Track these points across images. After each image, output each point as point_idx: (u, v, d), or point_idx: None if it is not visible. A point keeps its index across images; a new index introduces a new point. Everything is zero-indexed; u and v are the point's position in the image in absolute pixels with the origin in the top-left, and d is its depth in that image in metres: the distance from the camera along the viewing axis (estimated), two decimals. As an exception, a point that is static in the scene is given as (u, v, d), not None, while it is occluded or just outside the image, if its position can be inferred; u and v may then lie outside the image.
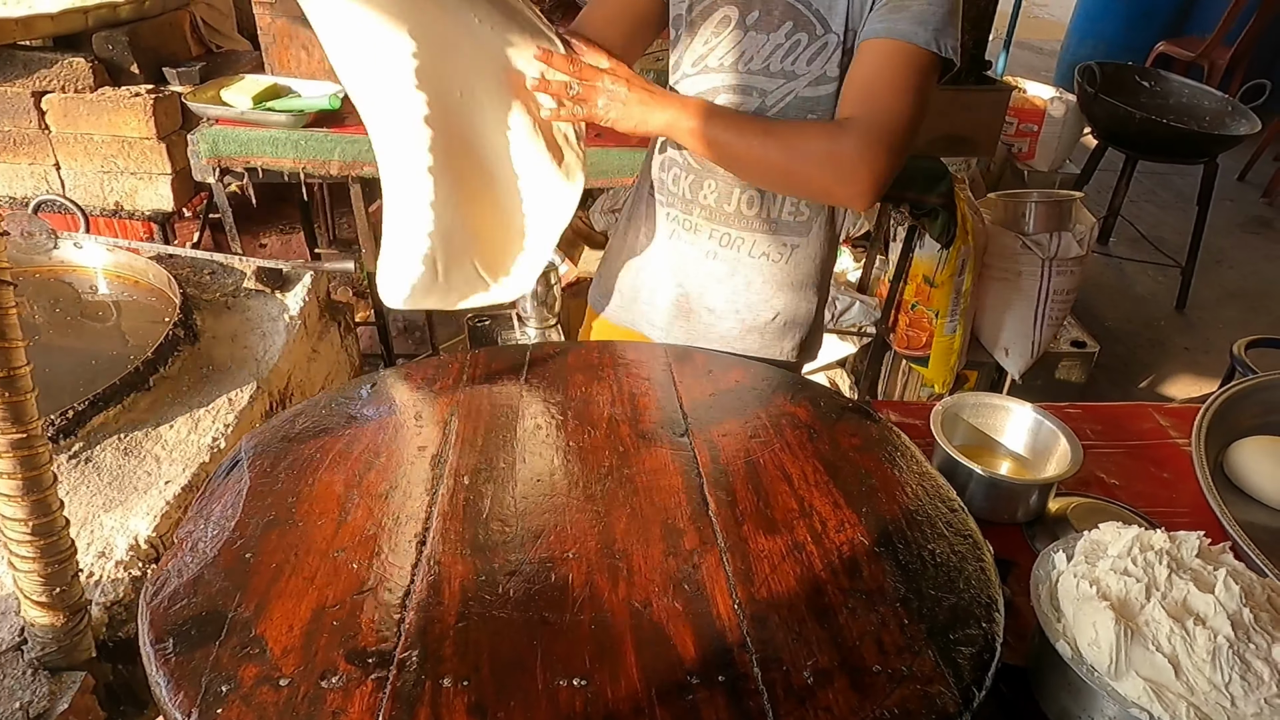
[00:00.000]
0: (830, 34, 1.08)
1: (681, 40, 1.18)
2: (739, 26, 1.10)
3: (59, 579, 0.95)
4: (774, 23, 1.09)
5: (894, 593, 0.75)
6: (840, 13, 1.07)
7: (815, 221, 1.24)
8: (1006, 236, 2.19)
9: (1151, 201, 4.49)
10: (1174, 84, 3.60)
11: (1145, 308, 3.58)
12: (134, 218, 2.14)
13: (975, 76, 1.84)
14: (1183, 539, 0.79)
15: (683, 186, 1.25)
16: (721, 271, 1.26)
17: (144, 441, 1.36)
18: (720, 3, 1.11)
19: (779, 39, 1.09)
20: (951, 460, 1.03)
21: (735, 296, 1.27)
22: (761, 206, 1.21)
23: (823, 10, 1.07)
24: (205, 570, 0.73)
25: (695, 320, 1.31)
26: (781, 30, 1.09)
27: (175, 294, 1.63)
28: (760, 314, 1.29)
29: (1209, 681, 0.68)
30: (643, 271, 1.35)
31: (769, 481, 0.90)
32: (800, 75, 1.10)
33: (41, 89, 2.00)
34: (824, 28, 1.08)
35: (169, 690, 0.62)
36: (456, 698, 0.61)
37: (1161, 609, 0.72)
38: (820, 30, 1.08)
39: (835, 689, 0.64)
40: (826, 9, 1.07)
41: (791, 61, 1.10)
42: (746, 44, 1.10)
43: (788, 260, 1.25)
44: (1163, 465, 1.18)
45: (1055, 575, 0.81)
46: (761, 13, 1.09)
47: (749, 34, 1.10)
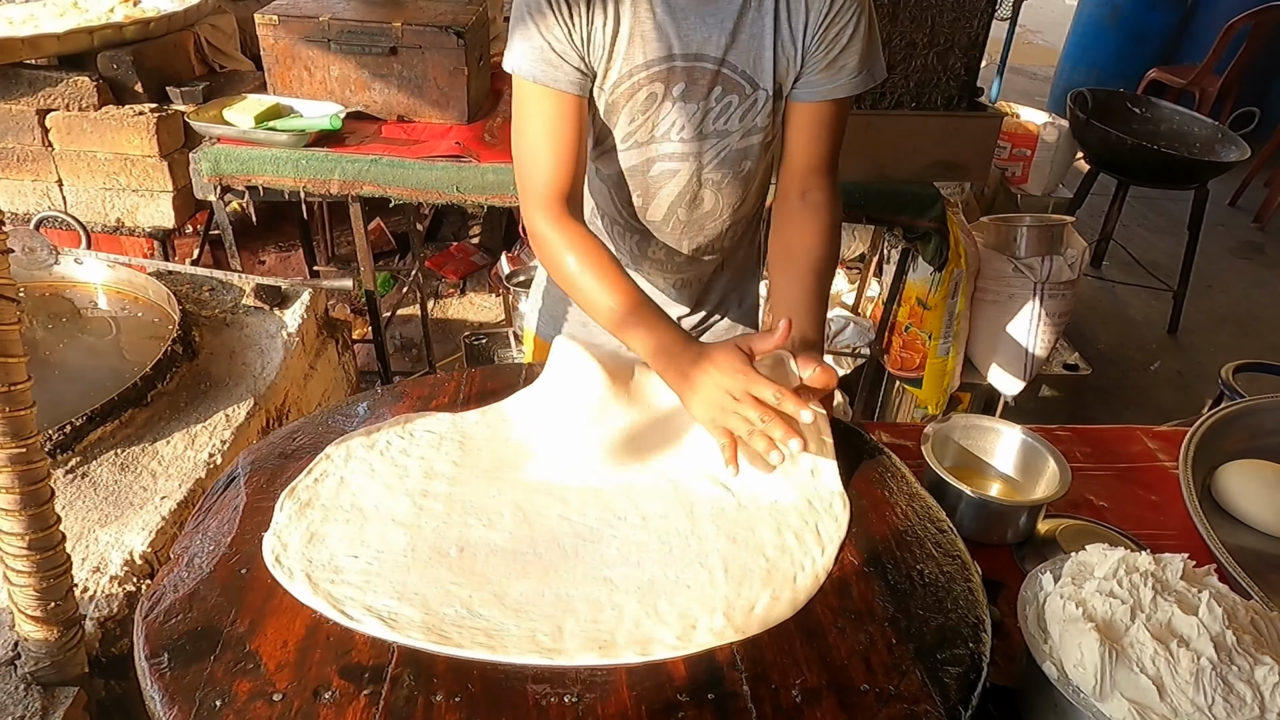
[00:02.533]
0: (759, 91, 1.09)
1: (605, 118, 1.13)
2: (666, 99, 1.08)
3: (54, 594, 0.96)
4: (702, 91, 1.08)
5: (882, 612, 0.76)
6: (767, 72, 1.07)
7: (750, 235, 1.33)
8: (999, 260, 2.21)
9: (1144, 226, 4.53)
10: (1165, 111, 3.65)
11: (1138, 331, 3.60)
12: (135, 234, 2.15)
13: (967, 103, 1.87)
14: (1168, 561, 0.80)
15: (629, 244, 1.26)
16: (675, 297, 1.32)
17: (141, 457, 1.37)
18: (642, 83, 1.07)
19: (709, 104, 1.09)
20: (942, 481, 1.04)
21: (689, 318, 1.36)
22: (711, 246, 1.26)
23: (750, 72, 1.08)
24: (201, 585, 0.74)
25: None
26: (711, 96, 1.08)
27: (174, 310, 1.64)
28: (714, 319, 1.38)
29: (1192, 703, 0.69)
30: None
31: (760, 501, 0.91)
32: (733, 132, 1.12)
33: (46, 107, 2.02)
34: (752, 87, 1.08)
35: (163, 705, 0.62)
36: (449, 714, 0.62)
37: (1146, 631, 0.73)
38: (749, 90, 1.09)
39: (823, 708, 0.65)
40: (753, 70, 1.07)
41: (725, 122, 1.11)
42: (676, 114, 1.09)
43: (728, 269, 1.33)
44: (1151, 488, 1.19)
45: (1042, 597, 0.82)
46: (687, 84, 1.07)
47: (677, 105, 1.09)
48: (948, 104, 1.88)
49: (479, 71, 2.17)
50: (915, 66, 1.81)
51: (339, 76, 2.09)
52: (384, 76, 2.07)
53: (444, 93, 2.09)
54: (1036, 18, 8.05)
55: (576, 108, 1.05)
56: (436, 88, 2.08)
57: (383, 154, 1.94)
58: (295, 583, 0.73)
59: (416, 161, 1.93)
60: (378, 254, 3.43)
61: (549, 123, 1.05)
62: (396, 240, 3.53)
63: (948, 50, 1.80)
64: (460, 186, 1.94)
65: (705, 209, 1.19)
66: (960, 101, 1.88)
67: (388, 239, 3.52)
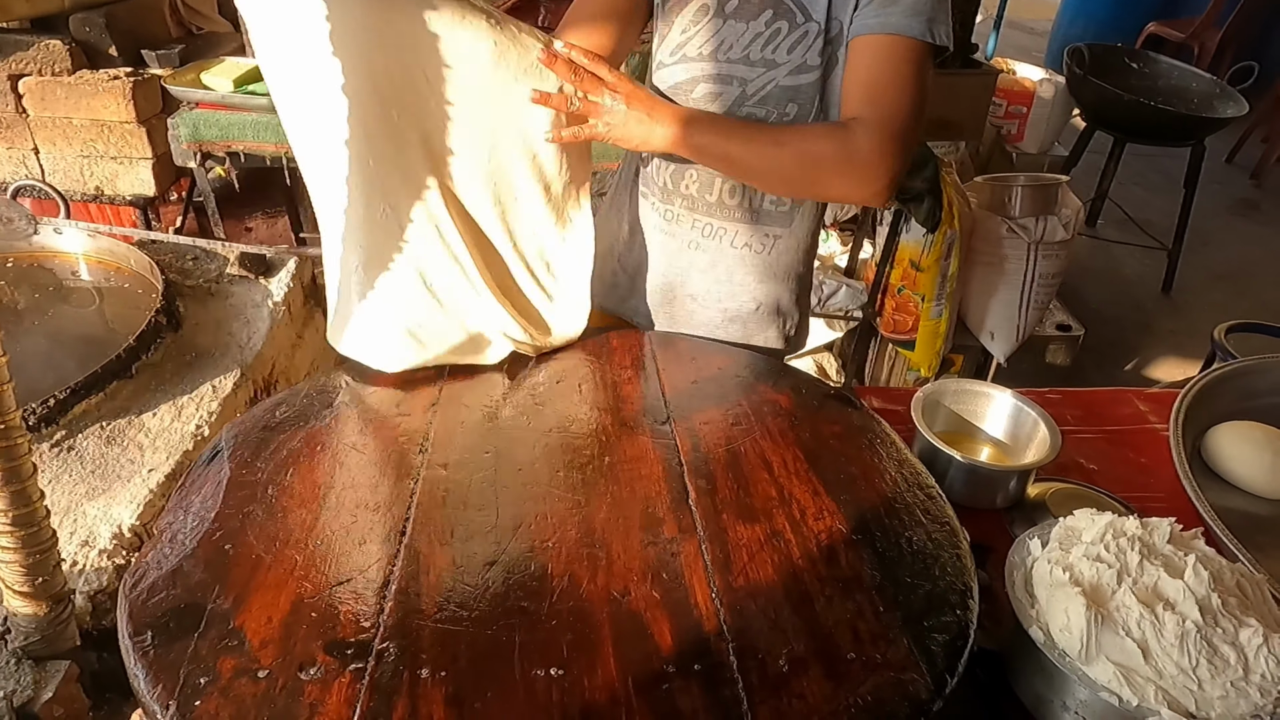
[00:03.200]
0: (811, 22, 1.07)
1: (659, 30, 1.16)
2: (717, 14, 1.09)
3: (41, 569, 0.95)
4: (753, 11, 1.08)
5: (870, 580, 0.76)
6: (822, 2, 1.06)
7: (798, 212, 1.23)
8: (992, 221, 2.19)
9: (1140, 184, 4.50)
10: (1163, 66, 3.59)
11: (1132, 290, 3.60)
12: (115, 203, 2.12)
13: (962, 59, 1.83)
14: (1155, 525, 0.80)
15: (663, 176, 1.24)
16: (704, 262, 1.26)
17: (127, 429, 1.36)
18: None
19: (759, 27, 1.08)
20: (932, 447, 1.04)
21: (717, 286, 1.27)
22: (743, 196, 1.20)
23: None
24: (184, 562, 0.74)
25: (678, 307, 1.31)
26: (761, 19, 1.08)
27: (157, 280, 1.61)
28: (743, 304, 1.28)
29: (1177, 665, 0.69)
30: (626, 260, 1.35)
31: (749, 469, 0.90)
32: (781, 64, 1.09)
33: (18, 72, 1.97)
34: (804, 16, 1.07)
35: (147, 683, 0.62)
36: (434, 688, 0.62)
37: (1132, 595, 0.73)
38: (801, 19, 1.07)
39: (810, 677, 0.65)
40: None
41: (772, 50, 1.09)
42: (725, 32, 1.09)
43: (770, 251, 1.25)
44: (1141, 450, 1.19)
45: (1030, 562, 0.82)
46: (740, 1, 1.08)
47: (728, 22, 1.08)
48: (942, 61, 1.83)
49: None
50: (909, 22, 1.76)
51: (319, 37, 2.03)
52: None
53: (428, 53, 2.04)
54: (1035, -30, 7.89)
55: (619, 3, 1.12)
56: (420, 48, 2.03)
57: (366, 118, 1.90)
58: None
59: (401, 125, 1.89)
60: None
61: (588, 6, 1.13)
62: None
63: (942, 5, 1.75)
64: (446, 150, 1.90)
65: None
66: (955, 58, 1.84)
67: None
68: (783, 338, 1.33)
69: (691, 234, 1.25)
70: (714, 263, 1.25)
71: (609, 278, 1.38)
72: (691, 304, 1.30)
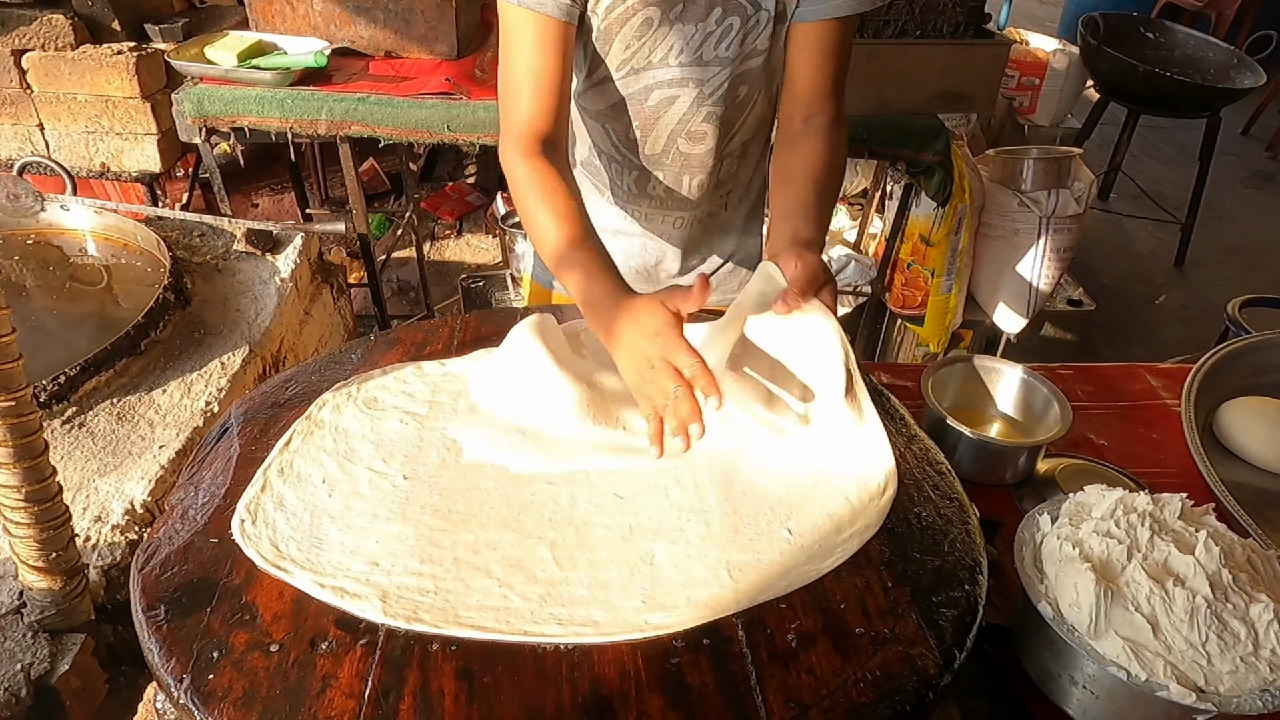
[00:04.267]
0: (761, 11, 1.04)
1: (596, 50, 1.09)
2: (663, 23, 1.04)
3: (55, 544, 0.96)
4: (701, 12, 1.03)
5: (879, 556, 0.76)
6: None
7: (757, 174, 1.27)
8: (1004, 194, 2.16)
9: (1153, 156, 4.43)
10: (1179, 35, 3.53)
11: (1144, 265, 3.56)
12: (121, 179, 2.11)
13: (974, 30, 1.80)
14: (1165, 501, 0.80)
15: (627, 182, 1.22)
16: (676, 240, 1.28)
17: (137, 406, 1.37)
18: (637, 7, 1.03)
19: (709, 26, 1.04)
20: (941, 422, 1.03)
21: (689, 260, 1.30)
22: (714, 187, 1.21)
23: None
24: (195, 537, 0.74)
25: (654, 283, 1.32)
26: (711, 18, 1.04)
27: (165, 257, 1.61)
28: (714, 263, 1.32)
29: (1186, 640, 0.69)
30: None
31: (758, 445, 0.90)
32: (734, 58, 1.08)
33: (21, 47, 1.96)
34: (755, 7, 1.04)
35: (161, 656, 0.63)
36: (445, 661, 0.62)
37: (1142, 570, 0.73)
38: (751, 10, 1.04)
39: (818, 652, 0.65)
40: None
41: (726, 47, 1.06)
42: (674, 38, 1.05)
43: (730, 209, 1.28)
44: (1152, 426, 1.19)
45: (1039, 537, 0.82)
46: (685, 4, 1.03)
47: (675, 27, 1.04)
48: (954, 31, 1.81)
49: (467, 3, 2.09)
50: (921, -9, 1.74)
51: (323, 11, 2.01)
52: (369, 10, 2.00)
53: (432, 26, 2.02)
54: (1049, -62, 7.73)
55: (562, 36, 1.00)
56: (424, 21, 2.01)
57: (370, 92, 1.88)
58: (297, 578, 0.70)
59: (405, 99, 1.88)
60: (371, 195, 3.37)
61: (533, 52, 1.00)
62: (390, 181, 3.47)
63: (954, -26, 1.72)
64: (451, 125, 1.89)
65: (708, 142, 1.15)
66: (967, 29, 1.81)
67: (381, 179, 3.46)
68: None
69: (663, 226, 1.26)
70: (685, 240, 1.27)
71: None
72: (668, 279, 1.32)
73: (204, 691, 0.59)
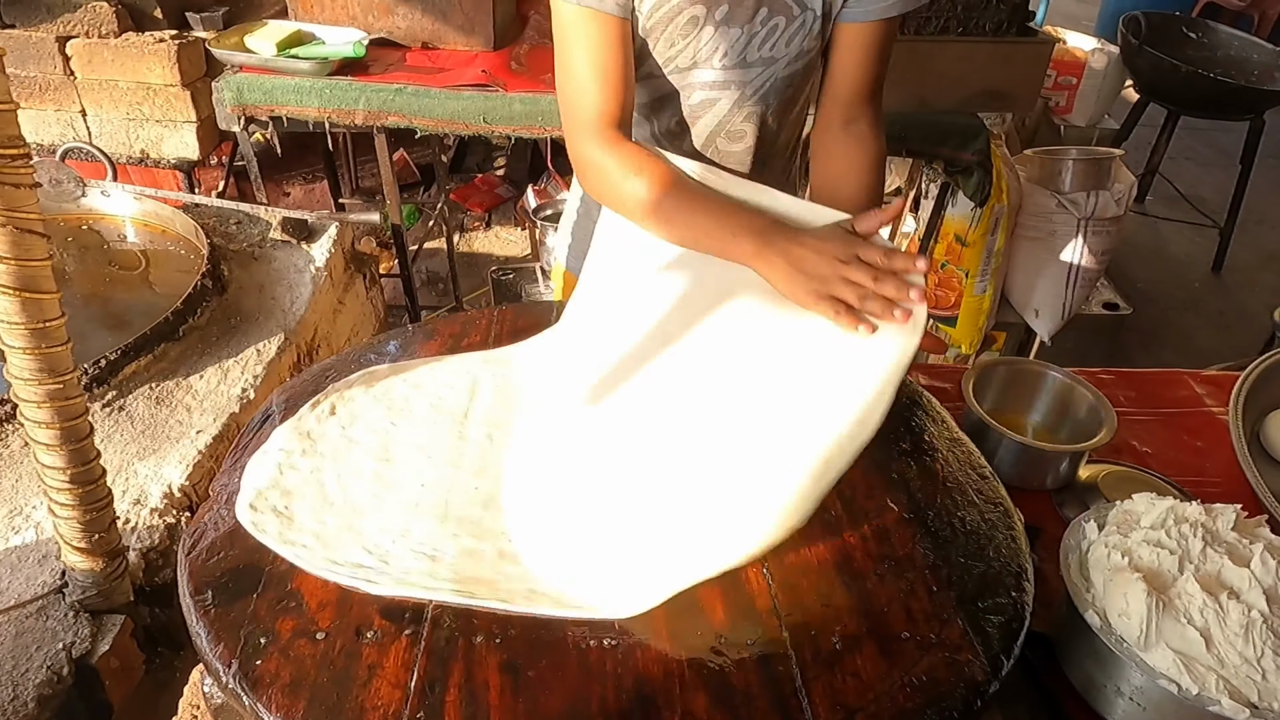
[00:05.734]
0: (808, 12, 1.03)
1: (642, 42, 1.08)
2: (708, 23, 1.03)
3: (97, 525, 0.98)
4: (746, 13, 1.03)
5: (923, 560, 0.75)
6: None
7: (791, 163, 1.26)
8: (1042, 195, 2.13)
9: (1192, 159, 4.35)
10: (1222, 35, 3.45)
11: (1180, 269, 3.49)
12: (160, 166, 2.14)
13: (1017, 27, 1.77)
14: (1219, 511, 0.78)
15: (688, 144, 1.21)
16: None
17: (175, 391, 1.38)
18: (683, 6, 1.02)
19: (754, 28, 1.04)
20: (981, 425, 1.02)
21: None
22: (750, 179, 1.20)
23: None
24: (240, 524, 0.74)
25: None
26: (756, 19, 1.03)
27: (203, 244, 1.63)
28: None
29: (1240, 655, 0.68)
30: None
31: (798, 445, 0.89)
32: (779, 59, 1.07)
33: (66, 34, 1.98)
34: (801, 8, 1.03)
35: (209, 641, 0.63)
36: (489, 655, 0.62)
37: (1195, 582, 0.71)
38: (798, 11, 1.03)
39: (863, 655, 0.65)
40: None
41: (770, 48, 1.05)
42: (719, 39, 1.04)
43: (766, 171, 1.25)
44: (1197, 434, 1.16)
45: (1086, 545, 0.80)
46: (731, 5, 1.02)
47: (720, 29, 1.03)
48: (996, 29, 1.78)
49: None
50: (964, -13, 1.71)
51: (361, 1, 2.02)
52: (407, 1, 2.01)
53: (469, 17, 2.02)
54: (1087, -65, 7.60)
55: (621, 31, 1.00)
56: (461, 11, 2.01)
57: (408, 83, 1.89)
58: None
59: (442, 91, 1.88)
60: (402, 186, 3.39)
61: (594, 49, 1.00)
62: (421, 172, 3.48)
63: (999, -30, 1.69)
64: (487, 117, 1.89)
65: (746, 140, 1.14)
66: (1010, 26, 1.78)
67: (412, 170, 3.47)
68: None
69: None
70: None
71: None
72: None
73: (252, 677, 0.60)
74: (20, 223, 0.79)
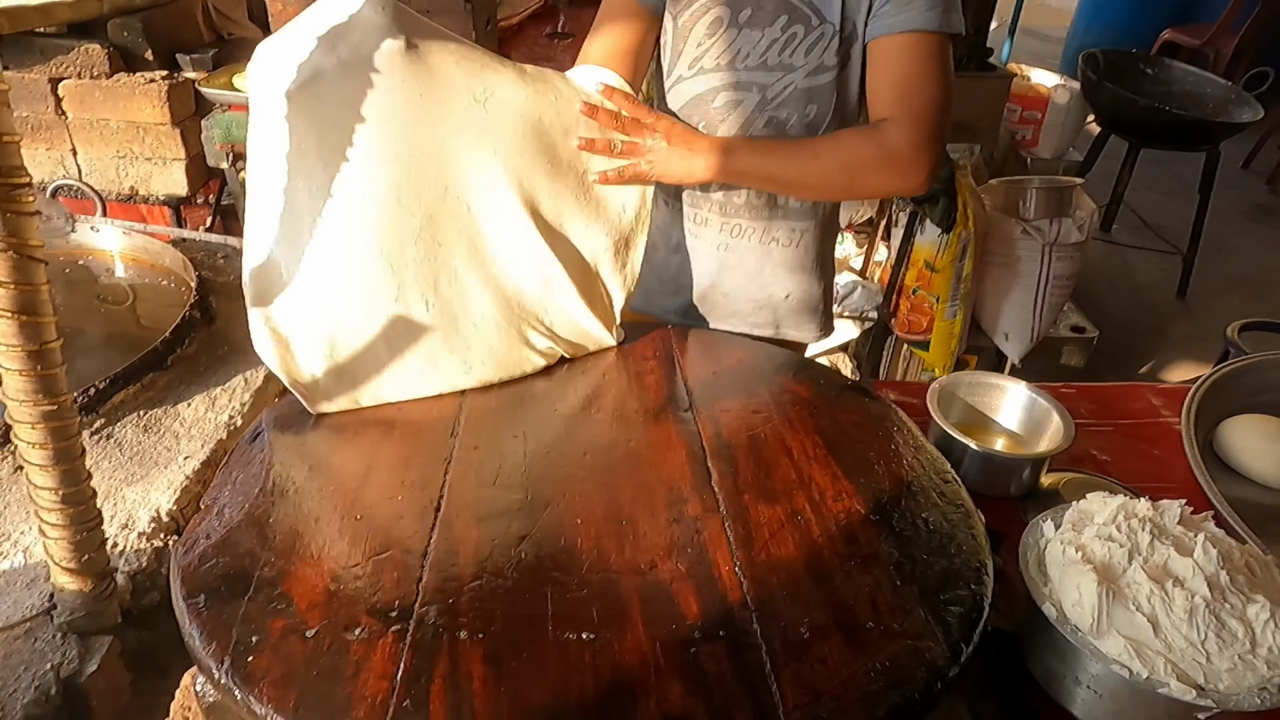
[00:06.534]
0: (826, 24, 1.09)
1: (672, 46, 1.17)
2: (732, 25, 1.10)
3: (87, 546, 0.99)
4: (768, 18, 1.10)
5: (888, 557, 0.78)
6: (835, 5, 1.08)
7: (820, 205, 1.27)
8: (1006, 222, 2.21)
9: (1155, 189, 4.49)
10: (1177, 71, 3.60)
11: (1146, 295, 3.60)
12: (149, 202, 2.17)
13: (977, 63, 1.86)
14: (1165, 507, 0.83)
15: (688, 185, 1.27)
16: (733, 261, 1.28)
17: (163, 419, 1.40)
18: (710, 5, 1.10)
19: (774, 33, 1.10)
20: (947, 436, 1.06)
21: (748, 282, 1.30)
22: (769, 196, 1.23)
23: (817, 2, 1.09)
24: (231, 533, 0.77)
25: (709, 305, 1.34)
26: (776, 25, 1.10)
27: (191, 277, 1.66)
28: (773, 294, 1.31)
29: (1186, 639, 0.72)
30: (653, 265, 1.36)
31: (770, 454, 0.93)
32: (798, 67, 1.12)
33: (59, 75, 2.03)
34: (819, 19, 1.09)
35: (202, 641, 0.66)
36: (473, 649, 0.65)
37: (1143, 572, 0.75)
38: (816, 21, 1.09)
39: (830, 644, 0.68)
40: (820, 1, 1.09)
41: (790, 54, 1.11)
42: (741, 41, 1.11)
43: (797, 245, 1.27)
44: (1154, 443, 1.21)
45: (1043, 543, 0.84)
46: (754, 9, 1.10)
47: (743, 31, 1.10)
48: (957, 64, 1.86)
49: (486, 36, 2.16)
50: (924, 26, 1.79)
51: (346, 42, 2.08)
52: (391, 42, 2.07)
53: (451, 58, 2.08)
54: (1050, -22, 7.90)
55: (638, 18, 1.10)
56: (444, 53, 2.08)
57: (392, 120, 1.94)
58: None
59: (425, 127, 1.93)
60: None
61: (608, 26, 1.12)
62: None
63: (957, 9, 1.78)
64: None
65: None
66: (970, 61, 1.87)
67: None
68: (816, 326, 1.36)
69: (720, 236, 1.27)
70: (742, 261, 1.28)
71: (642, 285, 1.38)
72: (724, 300, 1.32)
73: (244, 673, 0.62)
74: (22, 249, 0.83)
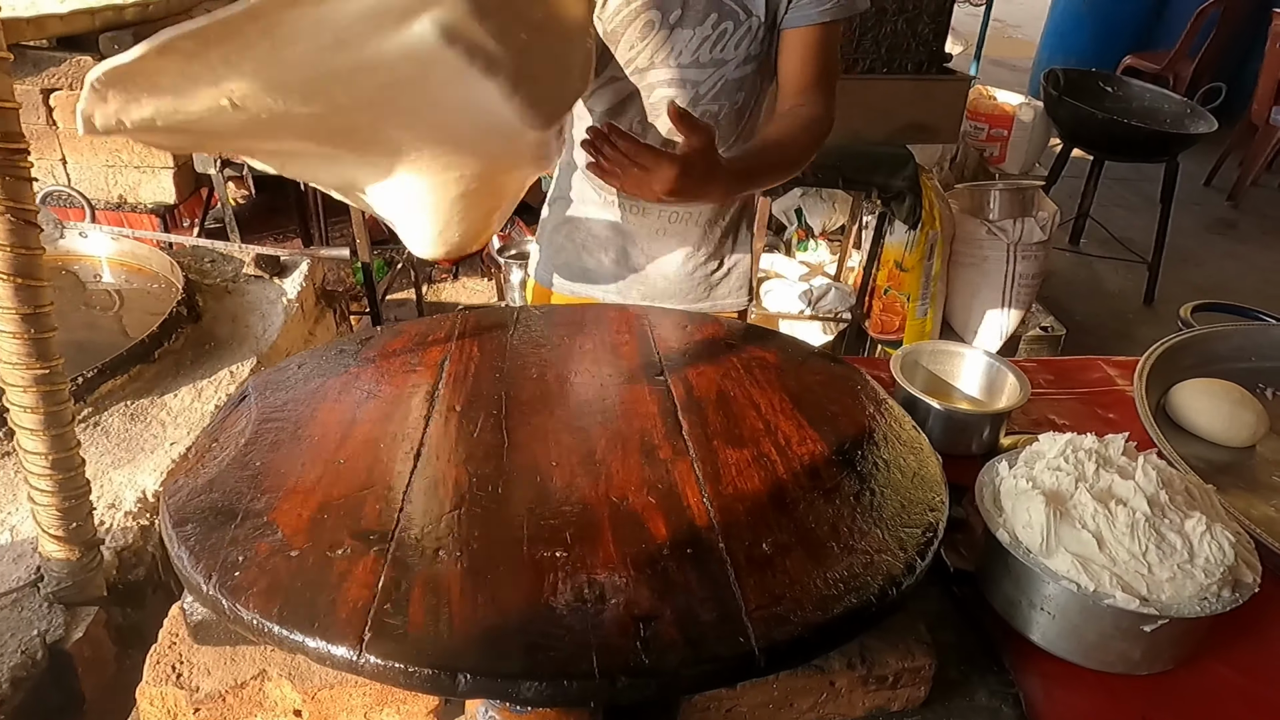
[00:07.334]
0: (753, 18, 1.16)
1: (606, 49, 1.21)
2: (664, 27, 1.16)
3: (75, 514, 1.02)
4: (698, 17, 1.15)
5: (849, 490, 0.82)
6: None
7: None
8: (972, 223, 2.29)
9: (1121, 205, 4.63)
10: (1135, 88, 3.74)
11: (1114, 302, 3.69)
12: (137, 210, 2.21)
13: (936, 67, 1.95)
14: (1110, 440, 0.87)
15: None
16: (673, 242, 1.36)
17: (150, 409, 1.43)
18: (640, 10, 1.15)
19: (705, 31, 1.16)
20: (911, 398, 1.11)
21: (687, 260, 1.39)
22: None
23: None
24: (219, 475, 0.80)
25: (649, 284, 1.40)
26: (707, 22, 1.16)
27: (178, 278, 1.70)
28: (709, 266, 1.41)
29: (1129, 552, 0.76)
30: (589, 247, 1.42)
31: (738, 409, 0.97)
32: (729, 60, 1.19)
33: (50, 86, 2.08)
34: (747, 14, 1.16)
35: (190, 563, 0.68)
36: (451, 565, 0.68)
37: (1088, 494, 0.80)
38: (744, 16, 1.16)
39: (792, 558, 0.71)
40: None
41: (720, 50, 1.18)
42: (674, 41, 1.17)
43: (728, 217, 1.37)
44: (1110, 408, 1.27)
45: (999, 480, 0.89)
46: (683, 10, 1.15)
47: (675, 31, 1.16)
48: (917, 69, 1.96)
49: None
50: (885, 32, 1.89)
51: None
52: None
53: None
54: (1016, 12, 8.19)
55: None
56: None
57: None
58: None
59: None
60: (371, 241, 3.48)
61: None
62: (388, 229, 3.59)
63: (916, 17, 1.88)
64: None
65: None
66: (930, 66, 1.96)
67: (380, 228, 3.58)
68: (746, 293, 1.46)
69: (659, 222, 1.35)
70: (682, 240, 1.36)
71: (577, 266, 1.45)
72: (663, 282, 1.40)
73: (230, 586, 0.65)
74: (19, 213, 0.86)
